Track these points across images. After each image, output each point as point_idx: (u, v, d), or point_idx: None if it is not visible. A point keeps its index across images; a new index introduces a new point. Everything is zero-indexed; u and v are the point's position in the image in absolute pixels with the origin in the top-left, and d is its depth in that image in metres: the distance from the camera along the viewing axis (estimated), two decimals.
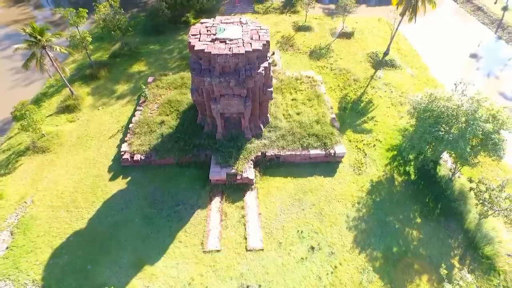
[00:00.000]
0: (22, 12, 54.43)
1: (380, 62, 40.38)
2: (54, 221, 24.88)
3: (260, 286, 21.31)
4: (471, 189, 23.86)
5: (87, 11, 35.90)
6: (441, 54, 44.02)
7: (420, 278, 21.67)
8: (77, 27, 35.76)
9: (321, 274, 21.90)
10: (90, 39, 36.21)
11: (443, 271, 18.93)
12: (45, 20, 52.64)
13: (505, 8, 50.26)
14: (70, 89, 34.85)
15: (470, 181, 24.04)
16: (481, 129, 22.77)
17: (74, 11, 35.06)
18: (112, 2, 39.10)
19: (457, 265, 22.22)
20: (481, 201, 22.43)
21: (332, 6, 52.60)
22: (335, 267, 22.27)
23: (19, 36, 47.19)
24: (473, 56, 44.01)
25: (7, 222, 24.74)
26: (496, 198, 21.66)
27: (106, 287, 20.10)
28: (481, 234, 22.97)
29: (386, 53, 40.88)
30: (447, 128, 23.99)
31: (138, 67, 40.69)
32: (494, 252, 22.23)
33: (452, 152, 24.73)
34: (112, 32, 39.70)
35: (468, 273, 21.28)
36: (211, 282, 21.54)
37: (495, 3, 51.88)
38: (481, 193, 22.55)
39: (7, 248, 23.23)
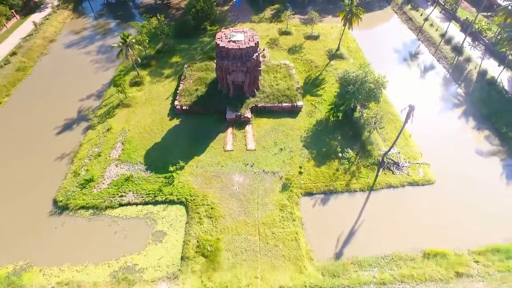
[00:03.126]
0: (86, 22, 76.01)
1: (333, 55, 61.86)
2: (143, 139, 46.21)
3: (253, 164, 42.61)
4: (361, 117, 45.33)
5: (147, 22, 57.48)
6: (377, 49, 65.49)
7: (334, 160, 42.95)
8: (140, 33, 57.28)
9: (285, 159, 43.19)
10: (147, 40, 57.77)
11: (338, 149, 40.35)
12: (101, 27, 74.02)
13: (426, 19, 71.77)
14: (137, 71, 56.30)
15: (364, 113, 45.48)
16: (367, 87, 44.20)
17: (139, 23, 56.53)
18: (159, 16, 60.62)
19: (353, 154, 43.41)
20: (366, 123, 43.82)
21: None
22: (292, 157, 43.54)
23: (91, 39, 69.04)
24: (396, 50, 65.67)
25: (118, 139, 46.06)
26: (372, 120, 43.08)
27: (178, 161, 41.38)
28: (367, 140, 44.38)
29: (337, 49, 62.35)
30: (352, 87, 45.28)
31: (175, 59, 62.16)
32: (372, 148, 43.66)
33: (357, 102, 46.12)
34: (159, 36, 61.17)
35: (359, 159, 42.74)
36: (229, 162, 42.82)
37: (421, 15, 73.42)
38: (367, 119, 43.93)
39: (122, 150, 44.57)
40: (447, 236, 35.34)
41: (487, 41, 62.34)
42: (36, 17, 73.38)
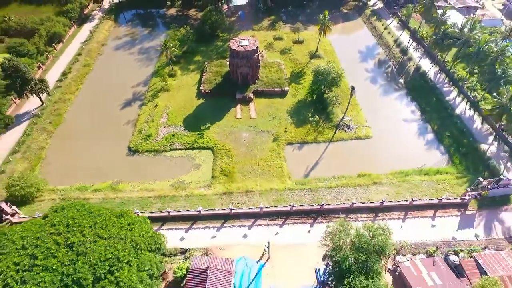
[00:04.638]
0: (125, 30, 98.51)
1: (313, 55, 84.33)
2: (180, 111, 68.60)
3: (255, 126, 64.98)
4: (328, 97, 67.88)
5: (178, 31, 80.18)
6: (346, 51, 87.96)
7: (307, 124, 65.30)
8: (173, 39, 79.69)
9: (275, 124, 65.56)
10: (178, 44, 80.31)
11: (309, 115, 62.87)
12: (137, 34, 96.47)
13: (385, 28, 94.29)
14: (171, 66, 78.79)
15: (329, 94, 68.05)
16: (330, 77, 66.56)
17: (177, 30, 78.99)
18: (186, 27, 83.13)
19: (320, 120, 65.67)
20: (329, 101, 66.29)
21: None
22: (280, 122, 65.88)
23: (132, 43, 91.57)
24: (360, 51, 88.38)
25: (164, 111, 68.44)
26: (333, 98, 65.50)
27: (206, 123, 63.74)
28: (330, 112, 66.80)
29: (316, 51, 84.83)
30: (321, 76, 67.49)
31: (197, 58, 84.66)
32: (333, 116, 66.07)
33: (325, 87, 68.48)
34: (185, 41, 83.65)
35: (324, 123, 65.16)
36: (239, 125, 65.17)
37: (382, 24, 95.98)
38: (330, 97, 66.37)
39: (167, 118, 66.96)
40: (374, 166, 57.38)
41: (426, 45, 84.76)
42: (88, 26, 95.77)
